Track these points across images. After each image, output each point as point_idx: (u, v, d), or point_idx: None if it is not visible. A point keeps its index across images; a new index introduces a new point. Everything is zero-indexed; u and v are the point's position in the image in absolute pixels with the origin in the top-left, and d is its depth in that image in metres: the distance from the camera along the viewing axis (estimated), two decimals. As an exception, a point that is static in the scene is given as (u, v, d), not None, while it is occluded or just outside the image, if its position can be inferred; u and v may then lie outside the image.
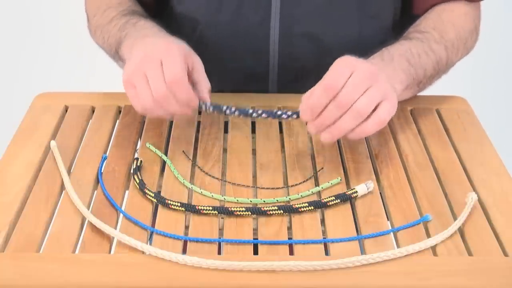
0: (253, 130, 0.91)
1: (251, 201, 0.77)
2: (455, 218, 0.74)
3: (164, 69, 0.77)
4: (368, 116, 0.74)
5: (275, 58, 0.98)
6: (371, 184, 0.78)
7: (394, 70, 0.83)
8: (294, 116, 0.79)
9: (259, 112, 0.80)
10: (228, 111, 0.81)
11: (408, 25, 0.98)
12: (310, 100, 0.75)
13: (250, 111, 0.81)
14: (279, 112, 0.80)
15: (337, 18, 0.96)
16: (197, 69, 0.82)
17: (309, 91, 0.76)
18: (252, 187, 0.80)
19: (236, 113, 0.81)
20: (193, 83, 0.82)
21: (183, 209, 0.75)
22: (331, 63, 0.96)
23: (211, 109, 0.81)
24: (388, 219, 0.76)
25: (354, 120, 0.74)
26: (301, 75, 1.00)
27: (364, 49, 0.97)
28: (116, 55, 0.91)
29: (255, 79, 1.00)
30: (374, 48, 0.92)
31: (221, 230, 0.73)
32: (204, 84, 0.83)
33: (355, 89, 0.73)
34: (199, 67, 0.83)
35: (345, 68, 0.75)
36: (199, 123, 0.93)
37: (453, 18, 0.94)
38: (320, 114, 0.75)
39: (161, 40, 0.83)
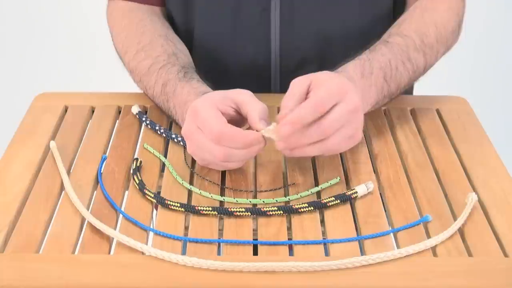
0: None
1: (250, 202, 0.77)
2: (455, 219, 0.74)
3: (204, 132, 0.75)
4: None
5: (277, 47, 0.98)
6: (371, 185, 0.78)
7: (370, 87, 0.82)
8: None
9: None
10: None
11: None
12: (297, 113, 0.72)
13: None
14: None
15: (337, 6, 0.96)
16: (242, 102, 0.77)
17: (290, 105, 0.73)
18: (250, 191, 0.80)
19: None
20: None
21: (182, 209, 0.75)
22: (331, 51, 0.94)
23: None
24: (388, 220, 0.76)
25: (319, 152, 0.75)
26: (303, 64, 1.00)
27: (364, 37, 0.97)
28: (167, 109, 0.89)
29: (257, 71, 1.00)
30: (374, 36, 0.92)
31: (220, 230, 0.73)
32: (254, 114, 0.76)
33: (338, 123, 0.73)
34: (244, 99, 0.77)
35: (336, 96, 0.73)
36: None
37: (436, 17, 0.92)
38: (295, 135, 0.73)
39: (189, 109, 0.79)
